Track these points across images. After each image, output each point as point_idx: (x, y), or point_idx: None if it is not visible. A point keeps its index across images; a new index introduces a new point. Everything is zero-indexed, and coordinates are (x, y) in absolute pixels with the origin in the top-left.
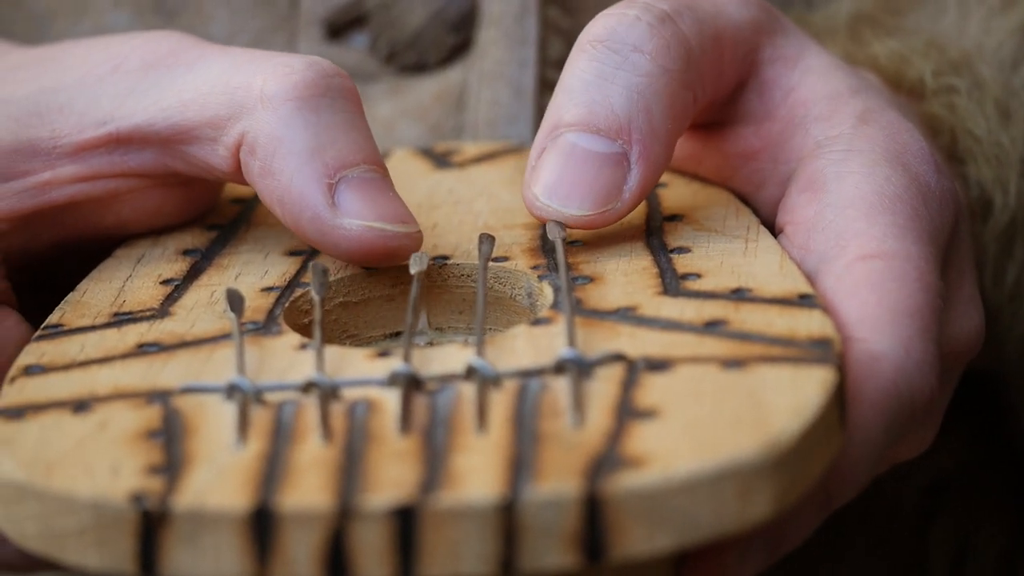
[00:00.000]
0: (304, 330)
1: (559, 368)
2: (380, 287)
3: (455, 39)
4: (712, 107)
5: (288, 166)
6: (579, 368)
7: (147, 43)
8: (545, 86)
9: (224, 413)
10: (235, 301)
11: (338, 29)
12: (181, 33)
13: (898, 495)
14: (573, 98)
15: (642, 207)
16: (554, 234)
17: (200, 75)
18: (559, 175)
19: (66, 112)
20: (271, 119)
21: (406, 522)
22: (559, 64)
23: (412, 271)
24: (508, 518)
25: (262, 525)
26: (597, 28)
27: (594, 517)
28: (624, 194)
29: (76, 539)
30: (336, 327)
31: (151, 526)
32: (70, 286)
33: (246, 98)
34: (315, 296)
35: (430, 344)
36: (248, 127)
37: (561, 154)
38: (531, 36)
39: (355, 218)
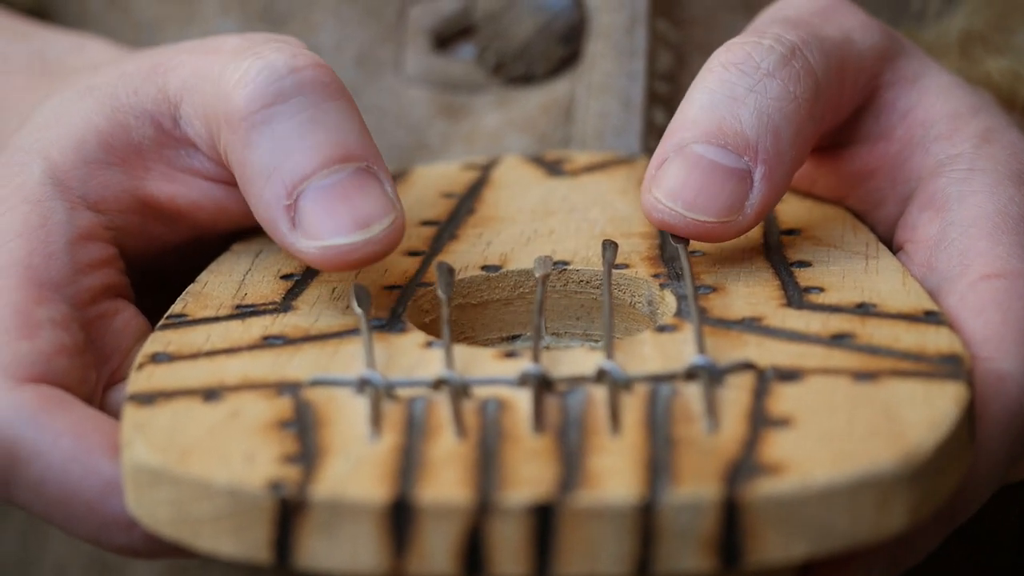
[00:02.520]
0: (426, 329)
1: (690, 374)
2: (500, 290)
3: (563, 51)
4: (830, 132)
5: (253, 191)
6: (711, 375)
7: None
8: (653, 99)
9: (355, 406)
10: (362, 297)
11: (445, 40)
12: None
13: (1001, 515)
14: (702, 113)
15: None
16: (678, 241)
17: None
18: (684, 181)
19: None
20: (233, 141)
21: (544, 520)
22: (667, 77)
23: (536, 274)
24: (646, 519)
25: (400, 517)
26: (730, 53)
27: (732, 522)
28: (746, 209)
29: (211, 525)
30: (454, 328)
31: (288, 514)
32: (170, 292)
33: (218, 115)
34: (441, 295)
35: (546, 348)
36: (224, 147)
37: (687, 162)
38: (640, 48)
39: (313, 239)
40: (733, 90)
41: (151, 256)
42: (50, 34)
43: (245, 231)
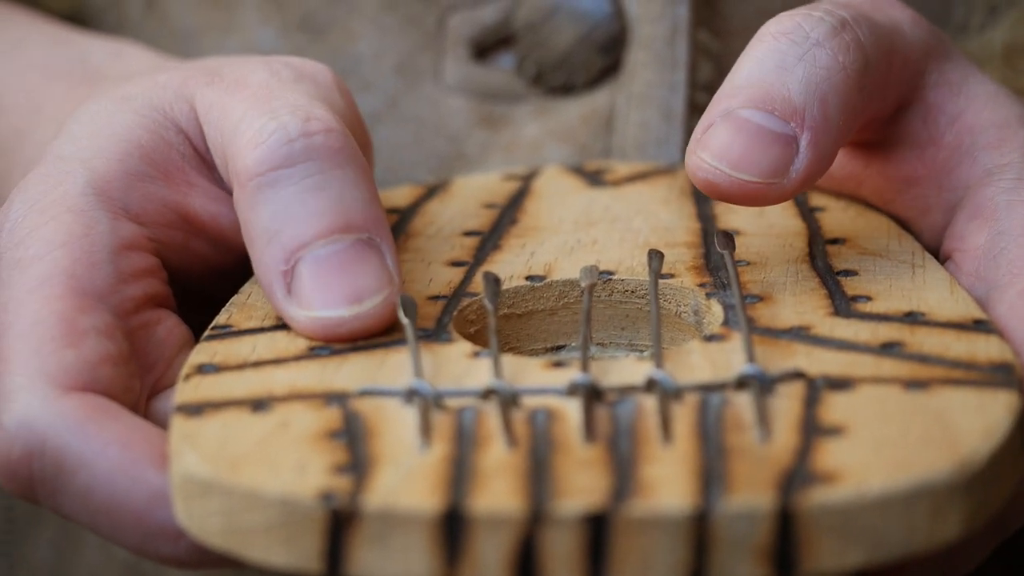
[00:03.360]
0: (471, 339)
1: (740, 383)
2: (544, 300)
3: (604, 61)
4: (874, 124)
5: (254, 253)
6: (761, 384)
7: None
8: (694, 109)
9: (404, 416)
10: (409, 307)
11: (485, 49)
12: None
13: None
14: (750, 80)
15: (803, 230)
16: (723, 245)
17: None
18: (730, 142)
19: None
20: (241, 199)
21: (598, 529)
22: (709, 88)
23: (582, 284)
24: (701, 529)
25: (453, 527)
26: (780, 23)
27: (787, 531)
28: (791, 173)
29: (262, 536)
30: (498, 338)
31: (340, 525)
32: (212, 311)
33: (229, 166)
34: (488, 305)
35: (592, 358)
36: (235, 200)
37: (733, 125)
38: (682, 59)
39: (304, 309)
40: (782, 59)
41: (192, 273)
42: (90, 40)
43: None
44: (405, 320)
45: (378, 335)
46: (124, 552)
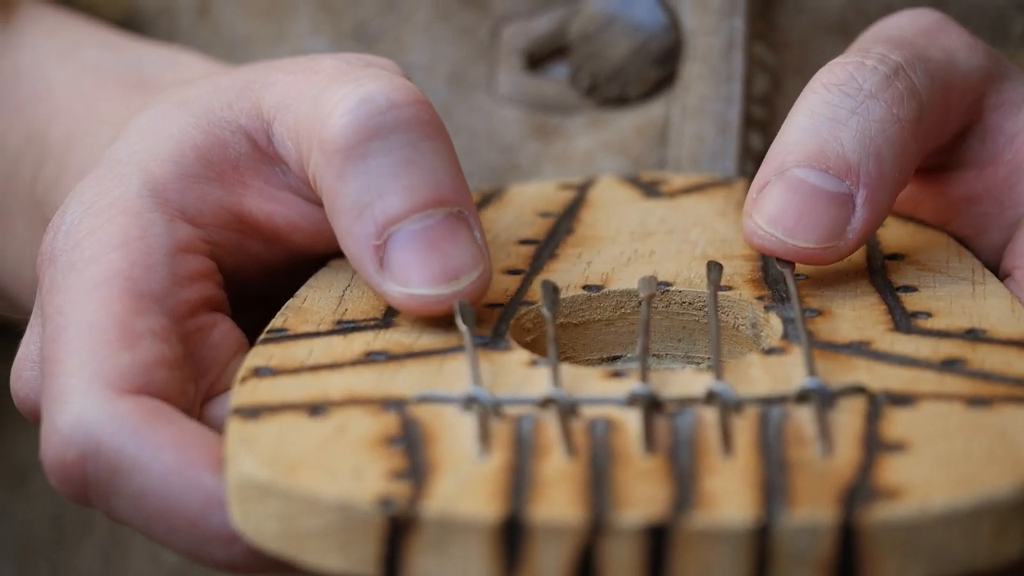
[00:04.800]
0: (528, 347)
1: (801, 397)
2: (601, 311)
3: (659, 73)
4: (934, 153)
5: (341, 225)
6: (822, 398)
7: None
8: (750, 123)
9: (462, 424)
10: (467, 314)
11: (538, 60)
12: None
13: None
14: (804, 136)
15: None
16: (783, 265)
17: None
18: (784, 206)
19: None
20: (326, 169)
21: (658, 541)
22: (764, 101)
23: (641, 295)
24: (762, 542)
25: (512, 535)
26: (833, 73)
27: (849, 546)
28: (848, 234)
29: (319, 541)
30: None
31: (398, 531)
32: (263, 311)
33: (311, 139)
34: (546, 313)
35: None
36: (313, 172)
37: (788, 187)
38: (737, 72)
39: (400, 285)
40: (835, 112)
41: (247, 274)
42: (143, 47)
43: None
44: (463, 327)
45: (435, 342)
46: (171, 560)
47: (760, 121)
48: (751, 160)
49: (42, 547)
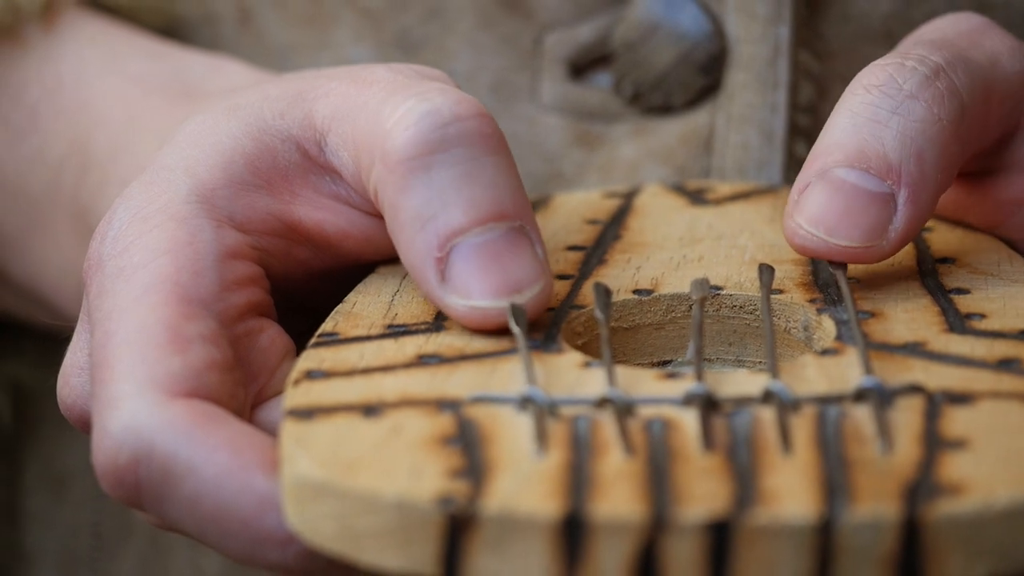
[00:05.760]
0: (579, 351)
1: (859, 396)
2: (652, 315)
3: (703, 81)
4: (977, 158)
5: (403, 237)
6: (880, 396)
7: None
8: (795, 131)
9: (518, 424)
10: (519, 316)
11: (582, 68)
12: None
13: None
14: (844, 136)
15: (911, 250)
16: (836, 268)
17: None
18: (826, 206)
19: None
20: (388, 181)
21: (720, 537)
22: (809, 109)
23: (694, 297)
24: (825, 538)
25: (573, 533)
26: (873, 74)
27: (912, 542)
28: (890, 234)
29: (377, 540)
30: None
31: (457, 529)
32: (309, 318)
33: (372, 151)
34: (599, 315)
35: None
36: (375, 183)
37: (829, 187)
38: (783, 80)
39: (461, 297)
40: (875, 113)
41: (294, 280)
42: (187, 55)
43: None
44: (516, 329)
45: (487, 345)
46: (212, 568)
47: (805, 129)
48: (797, 169)
49: (82, 554)
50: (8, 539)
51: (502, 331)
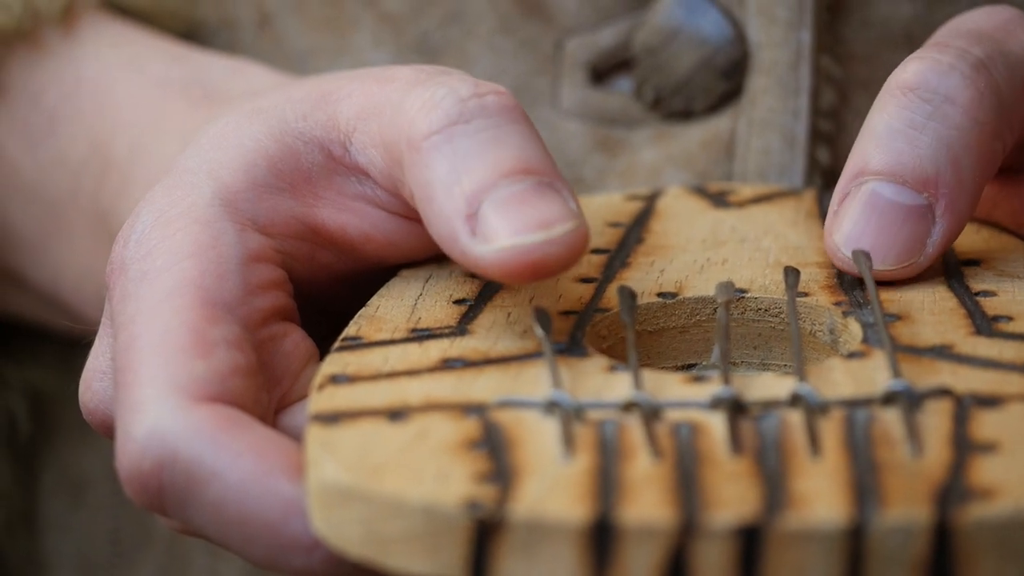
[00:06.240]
0: (604, 354)
1: (887, 399)
2: (676, 318)
3: (724, 86)
4: (1012, 151)
5: (432, 207)
6: (909, 399)
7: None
8: (817, 136)
9: (544, 428)
10: (544, 320)
11: (602, 73)
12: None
13: None
14: (880, 145)
15: None
16: (861, 267)
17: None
18: (862, 226)
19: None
20: (414, 162)
21: (751, 542)
22: (831, 114)
23: (719, 300)
24: (856, 543)
25: (602, 538)
26: (908, 74)
27: (944, 546)
28: (928, 247)
29: (404, 544)
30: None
31: (485, 533)
32: (330, 321)
33: (399, 141)
34: (625, 319)
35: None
36: (405, 172)
37: (865, 204)
38: (805, 85)
39: (491, 243)
40: (911, 119)
41: (317, 284)
42: (207, 58)
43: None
44: (541, 332)
45: (512, 348)
46: (232, 575)
47: (827, 135)
48: (819, 174)
49: (100, 561)
50: (26, 545)
51: (523, 331)
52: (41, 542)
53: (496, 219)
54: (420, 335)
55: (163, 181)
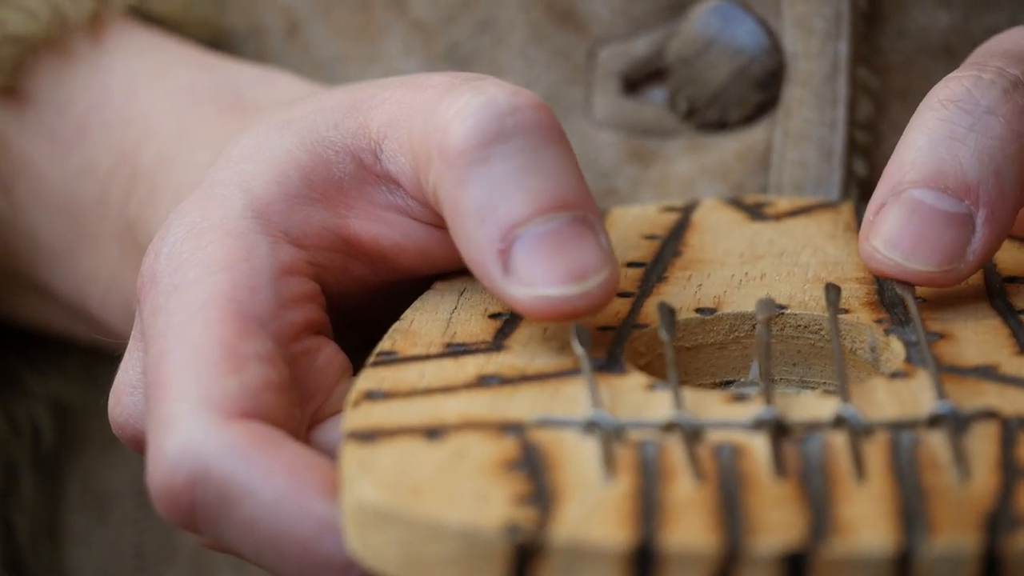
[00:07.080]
0: (642, 371)
1: (933, 421)
2: (714, 334)
3: (760, 97)
4: None
5: (464, 232)
6: (955, 423)
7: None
8: (854, 148)
9: (584, 448)
10: (583, 337)
11: (635, 83)
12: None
13: None
14: (920, 155)
15: None
16: (903, 288)
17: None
18: (902, 229)
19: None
20: (447, 176)
21: (796, 569)
22: (867, 126)
23: (759, 317)
24: (903, 570)
25: (644, 563)
26: (949, 89)
27: (992, 575)
28: (968, 256)
29: (442, 567)
30: (666, 372)
31: (525, 558)
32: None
33: (430, 149)
34: (664, 336)
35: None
36: (433, 182)
37: (905, 209)
38: (841, 96)
39: (525, 286)
40: (952, 130)
41: (350, 296)
42: (237, 67)
43: (444, 274)
44: (580, 350)
45: (549, 365)
46: None
47: (864, 147)
48: (855, 186)
49: (124, 575)
50: (50, 559)
51: (560, 346)
52: (65, 555)
53: (530, 264)
54: (456, 350)
55: (194, 194)
